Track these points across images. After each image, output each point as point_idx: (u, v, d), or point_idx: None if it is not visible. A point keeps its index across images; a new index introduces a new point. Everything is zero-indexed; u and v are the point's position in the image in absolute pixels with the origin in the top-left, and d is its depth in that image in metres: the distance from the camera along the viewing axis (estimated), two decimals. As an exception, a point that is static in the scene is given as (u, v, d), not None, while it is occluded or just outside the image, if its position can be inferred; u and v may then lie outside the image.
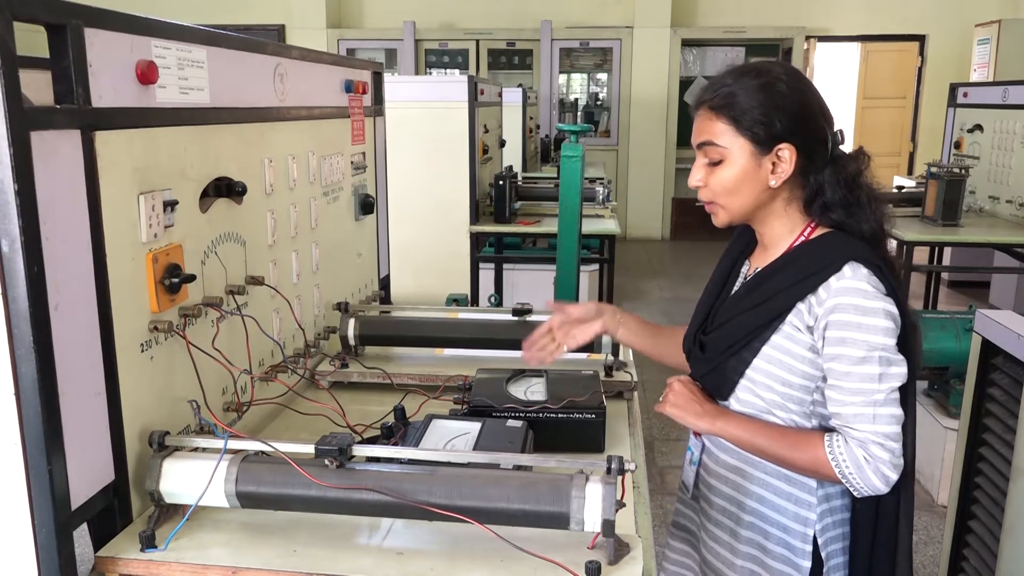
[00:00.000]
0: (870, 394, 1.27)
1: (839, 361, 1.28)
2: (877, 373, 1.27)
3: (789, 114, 1.32)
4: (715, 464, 1.49)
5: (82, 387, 1.06)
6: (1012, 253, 4.81)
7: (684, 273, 7.93)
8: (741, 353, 1.38)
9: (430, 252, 4.61)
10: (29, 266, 0.94)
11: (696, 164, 1.39)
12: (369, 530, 1.20)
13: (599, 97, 10.20)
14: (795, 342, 1.33)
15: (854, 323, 1.27)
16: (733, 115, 1.32)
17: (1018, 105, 4.86)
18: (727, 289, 1.50)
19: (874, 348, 1.26)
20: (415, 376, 1.83)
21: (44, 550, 1.01)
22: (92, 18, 1.06)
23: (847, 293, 1.28)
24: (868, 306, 1.27)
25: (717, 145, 1.34)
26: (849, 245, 1.33)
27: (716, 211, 1.41)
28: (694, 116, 1.39)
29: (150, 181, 1.21)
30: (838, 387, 1.30)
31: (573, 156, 3.73)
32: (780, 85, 1.33)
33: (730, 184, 1.35)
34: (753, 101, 1.32)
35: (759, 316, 1.36)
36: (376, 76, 2.32)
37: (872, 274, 1.29)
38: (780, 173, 1.33)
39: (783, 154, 1.32)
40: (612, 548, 1.08)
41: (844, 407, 1.29)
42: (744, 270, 1.50)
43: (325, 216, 1.95)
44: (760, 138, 1.32)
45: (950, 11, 9.15)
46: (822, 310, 1.29)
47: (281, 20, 9.77)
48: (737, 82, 1.34)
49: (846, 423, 1.29)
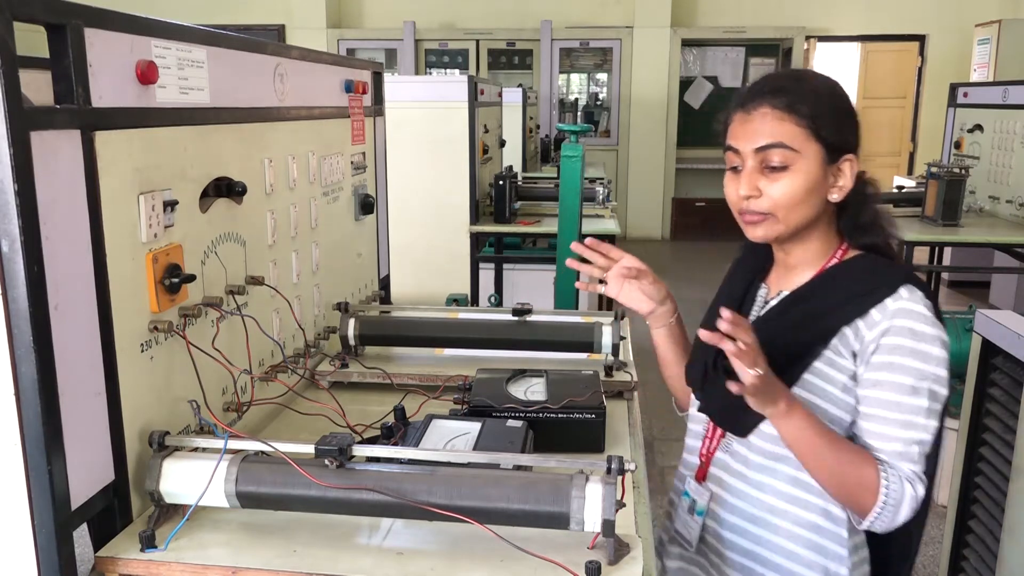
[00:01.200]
0: (917, 429, 1.18)
1: (883, 388, 1.18)
2: (925, 407, 1.18)
3: (854, 124, 1.24)
4: (729, 514, 1.34)
5: (82, 387, 1.06)
6: (1012, 253, 4.81)
7: (684, 273, 7.93)
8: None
9: (430, 252, 4.61)
10: (29, 266, 0.94)
11: (749, 170, 1.24)
12: (369, 530, 1.20)
13: (599, 97, 10.20)
14: (837, 369, 1.23)
15: (908, 348, 1.17)
16: (811, 115, 1.21)
17: (1018, 105, 4.86)
18: (743, 312, 1.37)
19: (924, 378, 1.17)
20: (415, 376, 1.83)
21: (44, 550, 1.01)
22: (92, 18, 1.06)
23: (904, 316, 1.18)
24: (925, 332, 1.18)
25: (789, 148, 1.21)
26: (896, 266, 1.26)
27: (769, 224, 1.25)
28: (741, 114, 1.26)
29: (150, 181, 1.21)
30: (881, 418, 1.19)
31: (573, 156, 3.73)
32: (844, 93, 1.26)
33: (799, 194, 1.22)
34: (830, 104, 1.23)
35: (800, 339, 1.25)
36: (376, 76, 2.32)
37: (926, 296, 1.21)
38: (842, 187, 1.24)
39: (845, 166, 1.23)
40: (612, 548, 1.08)
41: (888, 443, 1.19)
42: (763, 293, 1.38)
43: (325, 216, 1.95)
44: (832, 146, 1.22)
45: (950, 11, 9.16)
46: (872, 333, 1.20)
47: (281, 20, 9.77)
48: (809, 82, 1.25)
49: (890, 459, 1.19)
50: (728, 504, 1.34)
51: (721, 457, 1.36)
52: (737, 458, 1.34)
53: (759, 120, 1.23)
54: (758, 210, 1.24)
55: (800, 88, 1.23)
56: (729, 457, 1.35)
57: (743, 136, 1.24)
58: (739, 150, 1.25)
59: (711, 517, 1.37)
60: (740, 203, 1.26)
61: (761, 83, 1.27)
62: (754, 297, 1.38)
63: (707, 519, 1.37)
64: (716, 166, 9.46)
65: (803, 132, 1.21)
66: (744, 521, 1.32)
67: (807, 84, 1.24)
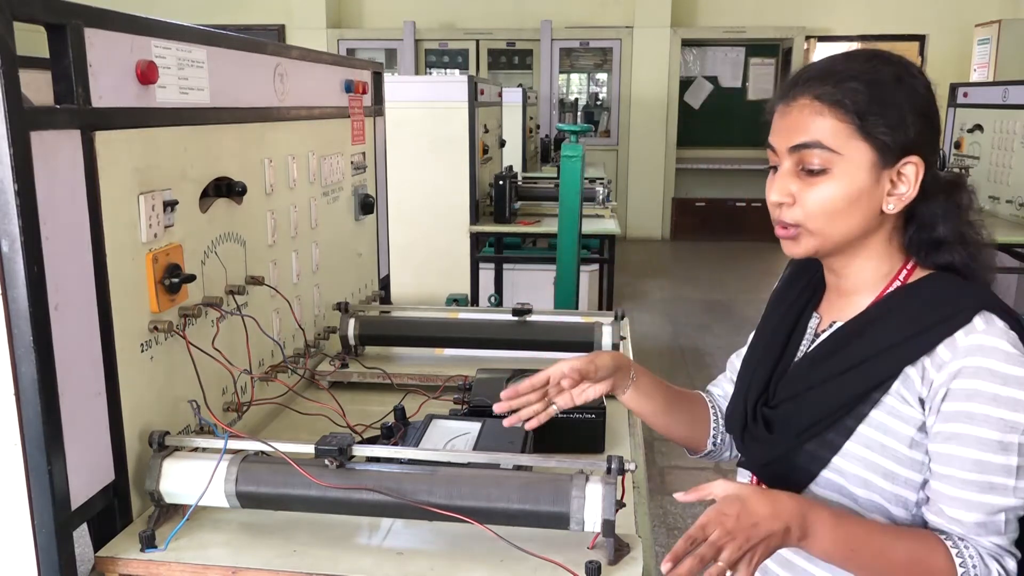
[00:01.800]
0: (1003, 493, 0.96)
1: (961, 444, 0.96)
2: (1015, 465, 0.96)
3: (922, 118, 1.03)
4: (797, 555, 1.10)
5: (82, 387, 1.06)
6: (1012, 253, 4.81)
7: (684, 273, 7.94)
8: (826, 435, 1.05)
9: (430, 252, 4.61)
10: (29, 266, 0.94)
11: (782, 172, 1.06)
12: (369, 530, 1.20)
13: (599, 97, 10.20)
14: (901, 419, 1.01)
15: (989, 394, 0.95)
16: (858, 110, 1.01)
17: (1018, 105, 4.86)
18: (791, 348, 1.16)
19: (1013, 429, 0.95)
20: (415, 376, 1.83)
21: (44, 550, 1.01)
22: (92, 18, 1.06)
23: (981, 353, 0.97)
24: (1009, 373, 0.96)
25: (827, 149, 1.01)
26: (972, 289, 1.04)
27: (801, 238, 1.06)
28: (781, 107, 1.07)
29: (150, 181, 1.21)
30: (958, 480, 0.97)
31: (573, 156, 3.74)
32: (916, 81, 1.04)
33: (838, 203, 1.02)
34: (887, 95, 1.01)
35: (853, 384, 1.03)
36: (376, 76, 2.32)
37: (1010, 328, 0.99)
38: (901, 195, 1.03)
39: (907, 170, 1.02)
40: (612, 548, 1.08)
41: (967, 512, 0.97)
42: (813, 323, 1.17)
43: (325, 216, 1.95)
44: (887, 146, 1.01)
45: (950, 11, 9.15)
46: (942, 375, 0.98)
47: (281, 20, 9.76)
48: (860, 67, 1.03)
49: (968, 531, 0.98)
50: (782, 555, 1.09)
51: None
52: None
53: (797, 113, 1.04)
54: (790, 220, 1.06)
55: (852, 74, 1.02)
56: None
57: (780, 132, 1.07)
58: (775, 148, 1.07)
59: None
60: (773, 211, 1.08)
61: (810, 67, 1.07)
62: (804, 328, 1.17)
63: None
64: (716, 166, 9.50)
65: (847, 129, 1.01)
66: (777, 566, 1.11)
67: (864, 69, 1.03)
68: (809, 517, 0.96)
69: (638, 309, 6.40)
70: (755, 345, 1.24)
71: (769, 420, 1.12)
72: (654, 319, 6.27)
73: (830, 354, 1.09)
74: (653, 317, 6.32)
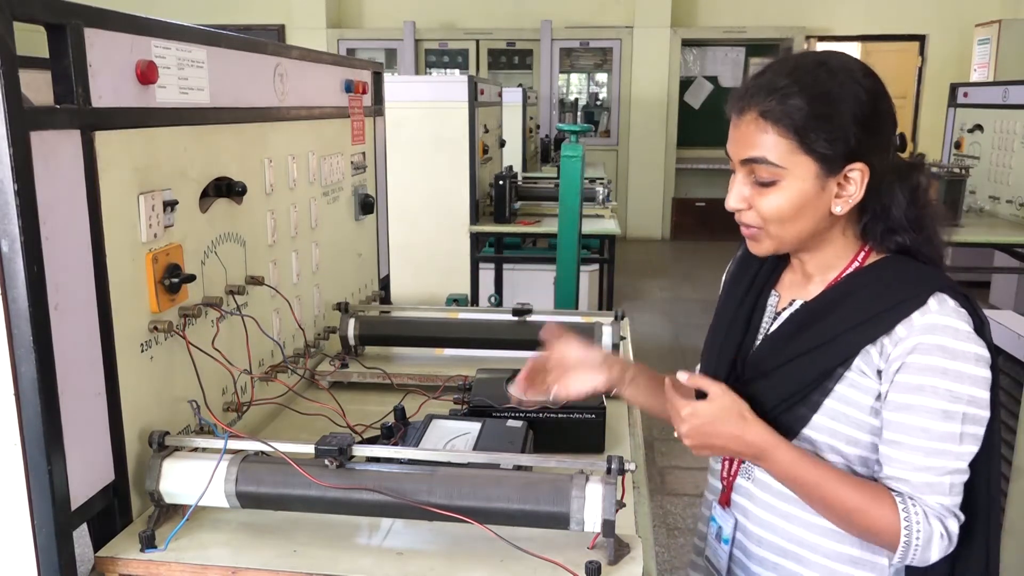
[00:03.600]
0: (950, 458, 1.05)
1: (912, 412, 1.06)
2: (959, 432, 1.05)
3: (865, 127, 1.06)
4: (756, 546, 1.22)
5: (82, 387, 1.06)
6: (1012, 253, 4.81)
7: (684, 273, 7.94)
8: (796, 409, 1.13)
9: (430, 252, 4.61)
10: (29, 266, 0.94)
11: (737, 182, 1.13)
12: (369, 530, 1.20)
13: (599, 97, 10.20)
14: (861, 390, 1.10)
15: (939, 368, 1.04)
16: (797, 127, 1.06)
17: (1018, 105, 4.86)
18: (753, 327, 1.24)
19: (958, 400, 1.04)
20: (415, 376, 1.83)
21: (44, 550, 1.01)
22: (92, 18, 1.06)
23: (934, 331, 1.05)
24: (958, 349, 1.05)
25: (772, 164, 1.08)
26: (926, 272, 1.11)
27: (760, 239, 1.15)
28: (734, 117, 1.13)
29: (150, 181, 1.21)
30: (908, 446, 1.06)
31: (573, 156, 3.74)
32: (858, 88, 1.07)
33: (787, 211, 1.09)
34: (824, 109, 1.05)
35: (820, 361, 1.12)
36: (376, 76, 2.32)
37: (960, 307, 1.07)
38: (847, 198, 1.10)
39: (853, 175, 1.08)
40: (612, 548, 1.08)
41: (915, 472, 1.06)
42: (773, 302, 1.24)
43: (325, 216, 1.95)
44: (830, 158, 1.06)
45: (950, 11, 9.15)
46: (898, 351, 1.06)
47: (281, 20, 9.76)
48: (802, 81, 1.06)
49: (916, 491, 1.06)
50: (754, 536, 1.22)
51: (743, 484, 1.25)
52: (760, 485, 1.22)
53: (742, 126, 1.11)
54: (749, 223, 1.14)
55: (794, 88, 1.06)
56: (752, 484, 1.23)
57: (733, 142, 1.13)
58: (731, 156, 1.14)
59: (738, 547, 1.25)
60: (735, 214, 1.16)
61: (756, 79, 1.11)
62: (764, 306, 1.24)
63: (735, 549, 1.26)
64: (716, 166, 9.50)
65: (789, 145, 1.06)
66: (773, 555, 1.20)
67: (806, 82, 1.06)
68: (769, 453, 1.10)
69: (638, 309, 6.40)
70: (717, 325, 1.30)
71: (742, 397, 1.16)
72: (654, 319, 6.27)
73: (795, 333, 1.17)
74: (653, 317, 6.32)
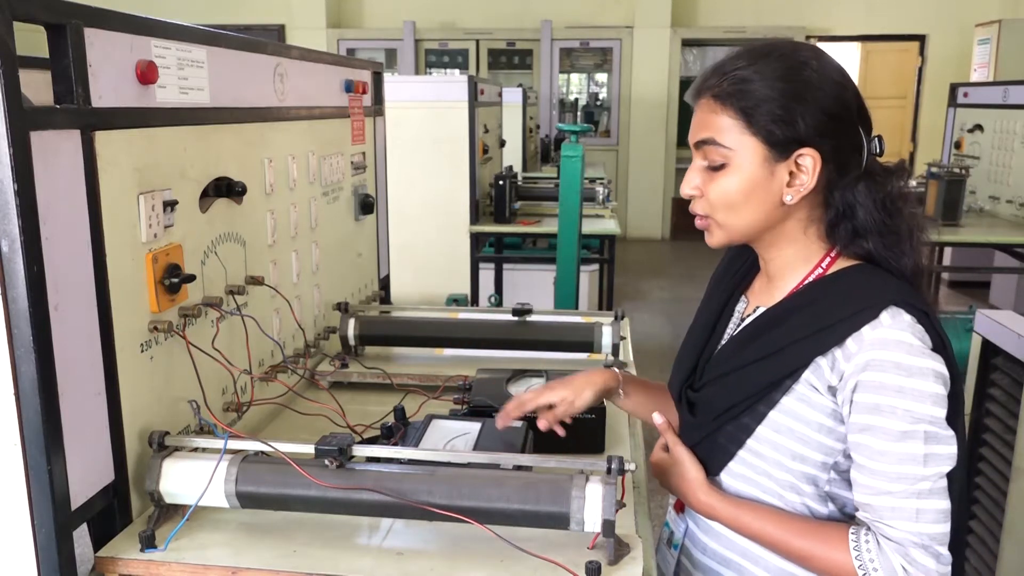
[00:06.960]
0: (912, 481, 0.99)
1: (871, 434, 1.01)
2: (922, 454, 0.99)
3: (817, 110, 1.04)
4: (701, 554, 1.21)
5: (82, 387, 1.06)
6: (1012, 253, 4.81)
7: (684, 273, 7.93)
8: (741, 418, 1.11)
9: (430, 252, 4.61)
10: (29, 266, 0.94)
11: (692, 167, 1.11)
12: (369, 530, 1.20)
13: (599, 97, 10.20)
14: (812, 406, 1.06)
15: (893, 386, 0.99)
16: (743, 107, 1.04)
17: (1018, 105, 4.86)
18: (718, 332, 1.22)
19: (919, 420, 0.99)
20: (415, 376, 1.83)
21: (44, 550, 1.01)
22: (92, 18, 1.06)
23: (886, 347, 1.00)
24: (913, 365, 0.99)
25: (720, 145, 1.06)
26: (884, 283, 1.05)
27: (711, 228, 1.12)
28: (695, 106, 1.12)
29: (150, 181, 1.21)
30: (869, 470, 1.01)
31: (573, 156, 3.74)
32: (808, 72, 1.05)
33: (733, 196, 1.07)
34: (771, 90, 1.03)
35: (767, 372, 1.08)
36: (376, 76, 2.32)
37: (916, 322, 1.02)
38: (799, 186, 1.06)
39: (804, 162, 1.05)
40: (612, 548, 1.08)
41: (877, 497, 1.01)
42: (740, 308, 1.22)
43: (325, 216, 1.95)
44: (776, 139, 1.04)
45: (950, 11, 9.16)
46: (850, 367, 1.02)
47: (281, 20, 9.77)
48: (753, 65, 1.06)
49: (879, 518, 1.01)
50: (700, 543, 1.21)
51: None
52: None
53: (698, 111, 1.10)
54: (699, 212, 1.12)
55: (747, 71, 1.05)
56: None
57: (691, 128, 1.11)
58: (689, 143, 1.12)
59: (685, 554, 1.24)
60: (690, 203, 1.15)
61: (717, 64, 1.10)
62: (731, 312, 1.22)
63: (682, 555, 1.24)
64: (716, 166, 9.49)
65: (737, 125, 1.05)
66: (716, 564, 1.18)
67: (759, 65, 1.05)
68: (711, 515, 1.14)
69: (638, 309, 6.40)
70: (691, 328, 1.28)
71: (693, 403, 1.18)
72: (654, 319, 6.27)
73: (750, 340, 1.13)
74: (653, 317, 6.32)
